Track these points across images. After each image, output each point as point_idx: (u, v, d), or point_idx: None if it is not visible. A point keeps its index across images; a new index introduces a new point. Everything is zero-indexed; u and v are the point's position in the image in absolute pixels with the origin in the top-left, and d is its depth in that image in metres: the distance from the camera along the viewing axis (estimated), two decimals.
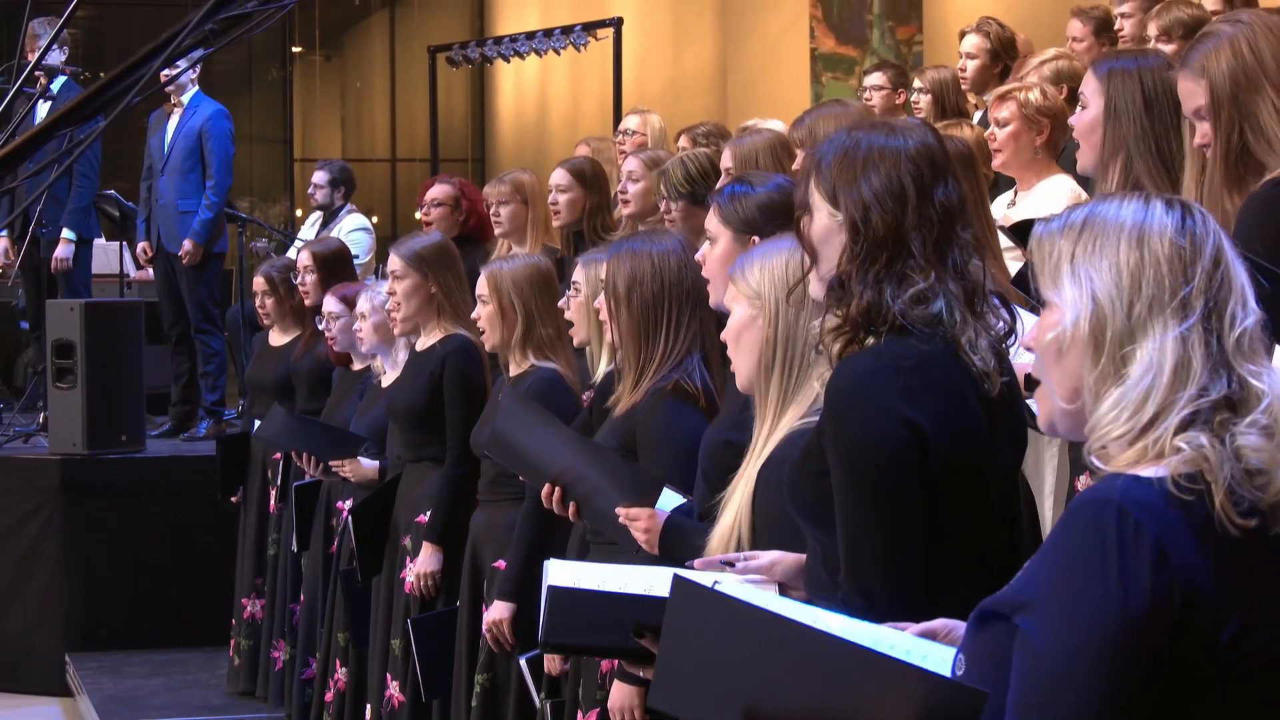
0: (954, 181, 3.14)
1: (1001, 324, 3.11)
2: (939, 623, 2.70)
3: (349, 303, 7.42)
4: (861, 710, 2.35)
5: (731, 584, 3.12)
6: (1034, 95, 5.69)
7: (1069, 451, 4.02)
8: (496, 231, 7.77)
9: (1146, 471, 2.28)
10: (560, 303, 5.52)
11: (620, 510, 4.23)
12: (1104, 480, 2.30)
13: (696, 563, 3.44)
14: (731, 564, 3.33)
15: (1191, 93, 3.95)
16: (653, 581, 3.35)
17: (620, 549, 4.32)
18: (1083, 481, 3.97)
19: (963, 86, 8.31)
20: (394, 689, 6.45)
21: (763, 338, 3.57)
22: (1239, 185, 3.86)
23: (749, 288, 3.62)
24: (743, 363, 3.66)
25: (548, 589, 3.47)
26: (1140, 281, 2.34)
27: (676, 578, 2.53)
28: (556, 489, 4.62)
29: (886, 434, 2.94)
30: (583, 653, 4.34)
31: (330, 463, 7.03)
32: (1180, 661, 2.23)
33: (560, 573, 3.60)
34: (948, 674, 2.41)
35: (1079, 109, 4.36)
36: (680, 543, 4.08)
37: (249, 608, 8.62)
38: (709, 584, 2.66)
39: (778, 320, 3.54)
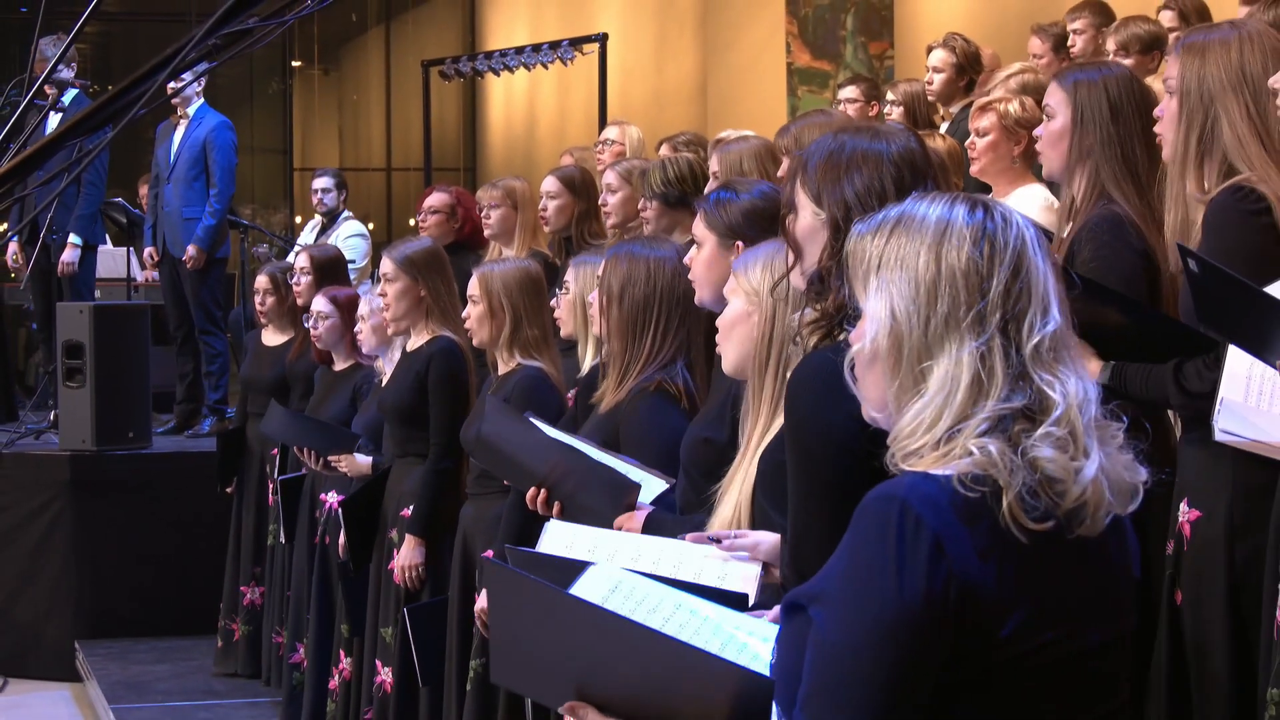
0: (934, 185, 3.14)
1: None
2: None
3: (337, 304, 7.50)
4: (674, 693, 2.37)
5: (600, 570, 3.13)
6: (1013, 107, 5.69)
7: None
8: (486, 233, 7.81)
9: (936, 470, 2.26)
10: (551, 301, 5.54)
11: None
12: (893, 479, 2.29)
13: (688, 536, 3.44)
14: (718, 540, 3.33)
15: (1171, 69, 3.98)
16: (632, 551, 3.35)
17: None
18: None
19: (929, 98, 8.32)
20: (385, 675, 6.46)
21: (757, 334, 3.58)
22: (1197, 170, 3.87)
23: (749, 284, 3.63)
24: (731, 352, 3.68)
25: (509, 552, 3.49)
26: (936, 296, 2.31)
27: (484, 561, 2.54)
28: (541, 491, 4.62)
29: (837, 426, 2.91)
30: None
31: (329, 457, 7.06)
32: (959, 653, 2.22)
33: (555, 534, 3.62)
34: (764, 670, 2.40)
35: (1045, 119, 4.37)
36: (663, 534, 4.08)
37: (249, 595, 8.65)
38: (522, 570, 2.65)
39: (774, 319, 3.55)
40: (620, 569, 3.05)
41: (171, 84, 2.47)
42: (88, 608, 9.66)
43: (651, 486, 4.26)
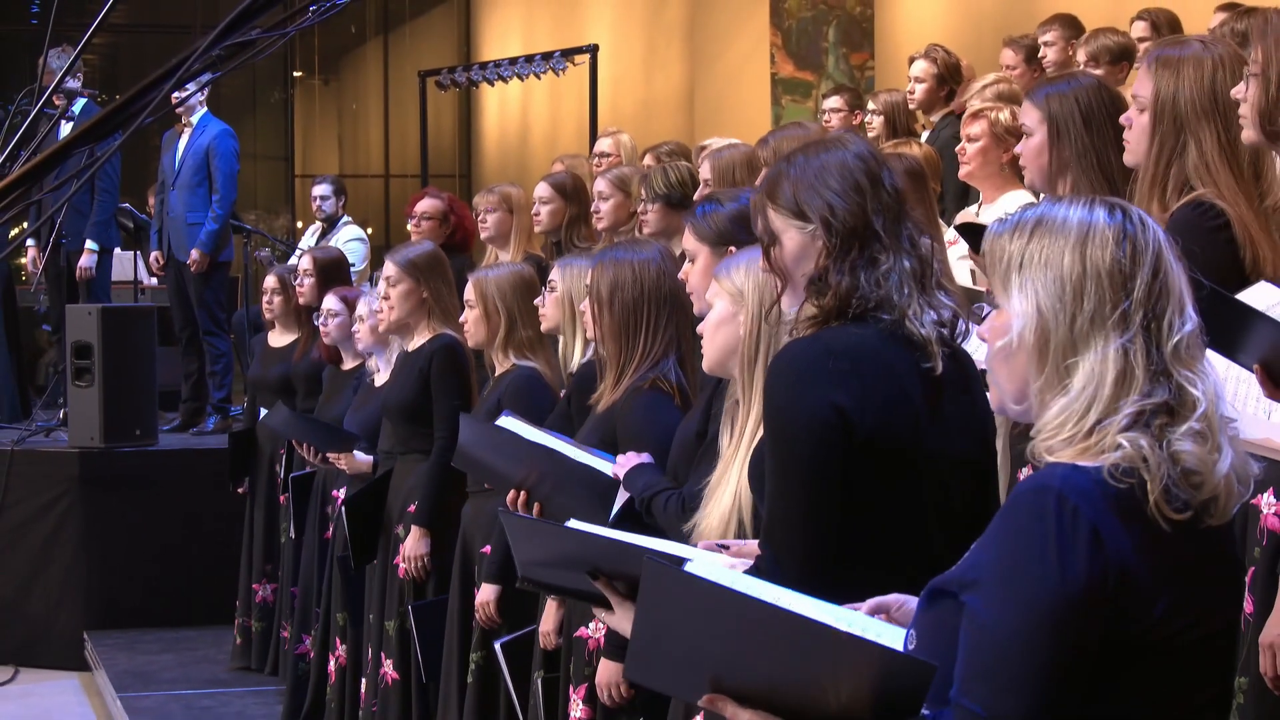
0: (890, 171, 3.20)
1: (947, 312, 3.11)
2: (892, 597, 2.69)
3: (348, 303, 7.48)
4: (819, 681, 2.34)
5: (702, 564, 3.12)
6: (1004, 116, 5.68)
7: (1011, 448, 4.02)
8: (483, 237, 7.81)
9: (1085, 462, 2.28)
10: (537, 300, 5.53)
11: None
12: (1045, 469, 2.30)
13: (700, 544, 3.43)
14: (726, 547, 3.33)
15: (1143, 81, 3.94)
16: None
17: None
18: (1024, 474, 3.97)
19: (911, 107, 8.32)
20: (388, 667, 6.45)
21: (744, 332, 3.58)
22: (1162, 191, 3.86)
23: (733, 286, 3.63)
24: (714, 351, 3.69)
25: (504, 516, 3.47)
26: (1082, 294, 2.32)
27: (647, 559, 2.51)
28: (521, 494, 4.62)
29: (811, 413, 2.95)
30: (555, 591, 4.23)
31: (328, 455, 7.05)
32: (1114, 635, 2.24)
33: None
34: (899, 648, 2.40)
35: (1024, 136, 4.35)
36: (641, 477, 4.13)
37: (260, 592, 8.63)
38: (678, 564, 2.64)
39: (759, 322, 3.54)
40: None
41: (176, 93, 2.46)
42: (96, 599, 9.66)
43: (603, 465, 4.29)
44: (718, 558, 3.27)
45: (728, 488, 3.61)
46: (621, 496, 4.28)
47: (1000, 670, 2.23)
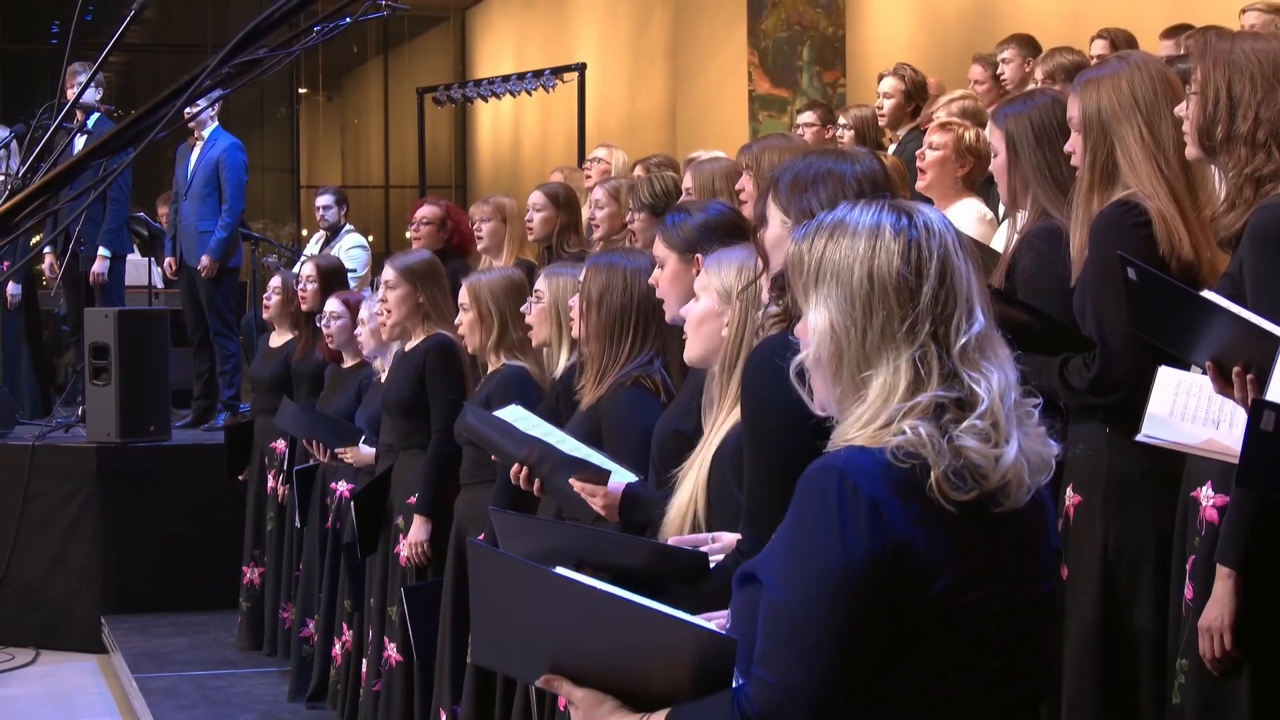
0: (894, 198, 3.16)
1: None
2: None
3: (349, 305, 7.51)
4: (643, 659, 2.36)
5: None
6: (969, 135, 5.68)
7: None
8: (479, 246, 7.81)
9: (870, 445, 2.28)
10: (522, 308, 5.52)
11: (573, 480, 4.22)
12: (830, 452, 2.31)
13: (672, 539, 3.43)
14: (701, 544, 3.33)
15: (1072, 106, 3.98)
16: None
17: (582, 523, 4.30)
18: None
19: (880, 122, 8.34)
20: (391, 650, 6.46)
21: (730, 332, 3.55)
22: (1102, 194, 3.89)
23: (721, 284, 3.60)
24: (698, 345, 3.66)
25: (492, 512, 3.47)
26: (871, 310, 2.31)
27: (470, 544, 2.51)
28: (524, 468, 4.62)
29: (785, 403, 2.91)
30: None
31: (335, 449, 7.09)
32: (900, 607, 2.24)
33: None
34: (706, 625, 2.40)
35: (992, 156, 4.37)
36: (639, 508, 4.07)
37: (248, 574, 8.69)
38: (501, 549, 2.63)
39: (745, 323, 3.52)
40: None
41: (188, 109, 2.47)
42: (113, 586, 9.65)
43: (620, 477, 4.26)
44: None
45: (689, 479, 3.60)
46: (615, 486, 4.24)
47: (791, 643, 2.23)
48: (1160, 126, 3.85)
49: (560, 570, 2.42)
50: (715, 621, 2.56)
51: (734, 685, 2.30)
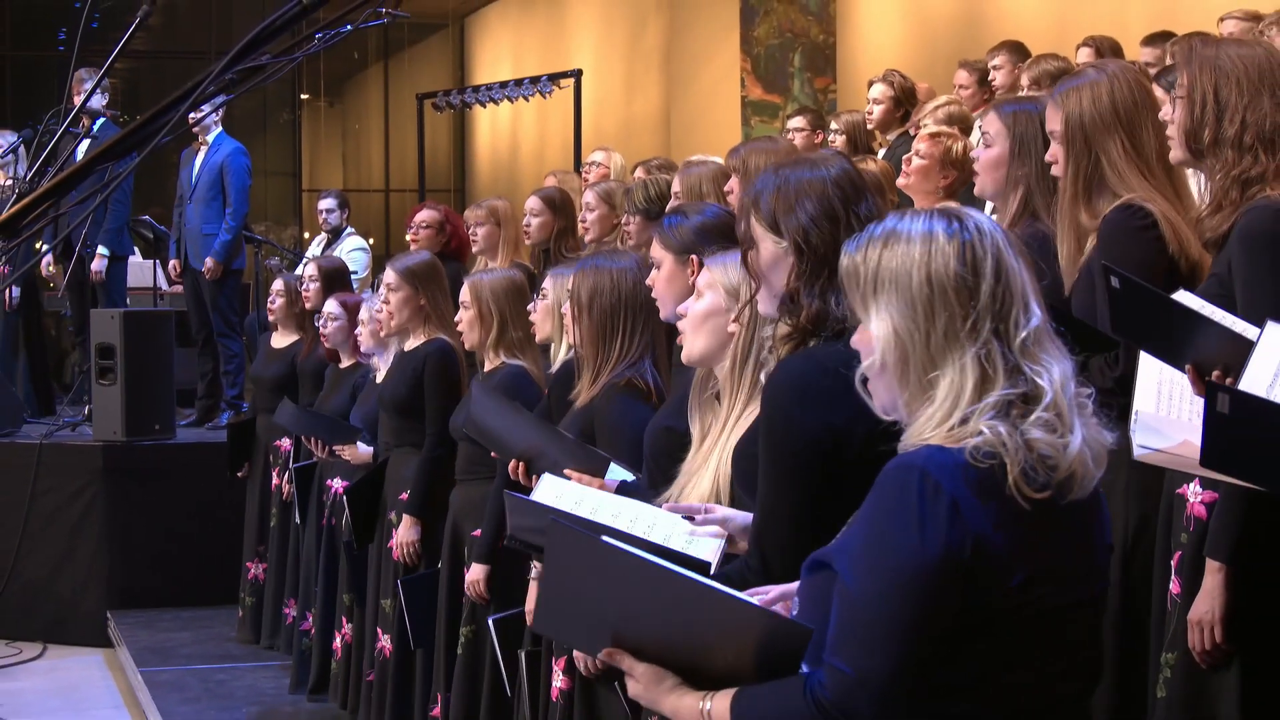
0: (872, 198, 3.14)
1: None
2: (792, 587, 2.66)
3: (346, 307, 7.53)
4: (708, 641, 2.36)
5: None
6: (957, 146, 5.67)
7: None
8: (474, 249, 7.80)
9: (949, 445, 2.30)
10: (528, 306, 5.53)
11: (569, 472, 4.20)
12: (911, 450, 2.32)
13: (665, 505, 3.41)
14: (691, 517, 3.31)
15: (1052, 117, 3.96)
16: (613, 509, 3.34)
17: None
18: None
19: (869, 127, 8.33)
20: (385, 641, 6.46)
21: (738, 332, 3.50)
22: (1088, 203, 3.87)
23: (729, 283, 3.56)
24: (699, 342, 3.60)
25: (506, 496, 3.48)
26: (933, 313, 2.33)
27: (552, 523, 2.51)
28: (521, 463, 4.61)
29: (805, 427, 2.91)
30: (539, 552, 4.15)
31: (334, 447, 7.09)
32: (971, 603, 2.25)
33: (546, 486, 3.60)
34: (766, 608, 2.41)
35: (982, 145, 4.34)
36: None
37: (253, 570, 8.68)
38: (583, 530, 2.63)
39: (755, 321, 3.49)
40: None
41: (192, 114, 2.46)
42: (119, 581, 9.64)
43: (617, 474, 4.25)
44: (674, 518, 3.27)
45: (705, 477, 3.57)
46: (610, 481, 4.24)
47: (866, 632, 2.24)
48: (1141, 135, 3.84)
49: (638, 551, 2.43)
50: (758, 598, 2.57)
51: (802, 671, 2.31)
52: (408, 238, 8.43)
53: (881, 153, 8.02)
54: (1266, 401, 2.93)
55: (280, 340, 8.59)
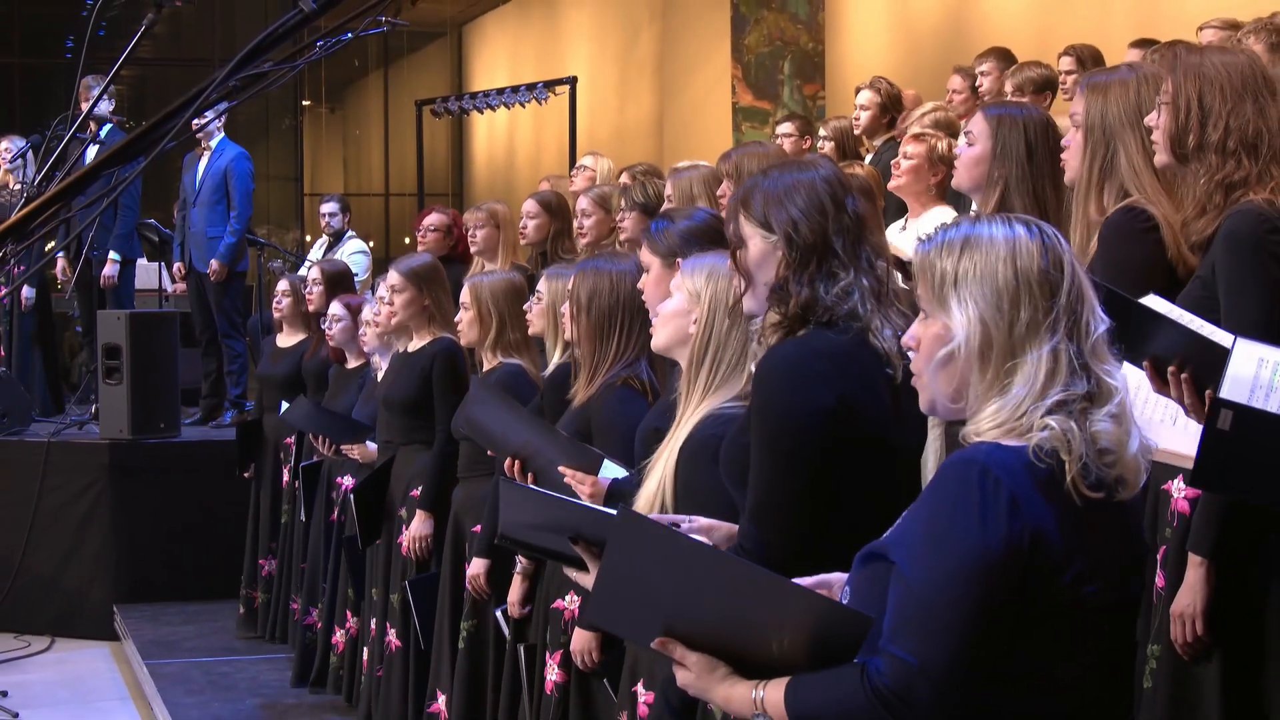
0: (858, 198, 3.18)
1: (903, 322, 3.11)
2: (832, 576, 2.68)
3: (350, 309, 7.53)
4: (764, 628, 2.35)
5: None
6: (942, 145, 5.68)
7: (947, 439, 4.01)
8: (472, 250, 7.79)
9: (1008, 441, 2.31)
10: (525, 305, 5.52)
11: (563, 469, 4.20)
12: (971, 446, 2.33)
13: (652, 518, 3.41)
14: (677, 525, 3.31)
15: (1077, 105, 3.95)
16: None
17: None
18: None
19: (856, 132, 8.32)
20: (391, 635, 6.45)
21: (695, 334, 3.55)
22: (1099, 197, 3.87)
23: (692, 286, 3.59)
24: (663, 335, 3.69)
25: (503, 485, 3.45)
26: (1019, 303, 2.34)
27: (620, 509, 2.49)
28: (516, 461, 4.60)
29: (800, 408, 2.95)
30: (531, 551, 4.08)
31: (342, 446, 7.08)
32: (1029, 596, 2.26)
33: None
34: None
35: (965, 144, 4.34)
36: (622, 499, 4.04)
37: (266, 567, 8.65)
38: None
39: (712, 325, 3.53)
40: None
41: (196, 120, 2.45)
42: (125, 576, 9.64)
43: (611, 472, 4.24)
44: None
45: (655, 472, 3.60)
46: (604, 479, 4.23)
47: (927, 622, 2.24)
48: None
49: (699, 539, 2.41)
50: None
51: (857, 660, 2.29)
52: (410, 239, 8.42)
53: (869, 158, 8.01)
54: (1275, 416, 2.85)
55: (286, 340, 8.58)
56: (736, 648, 2.38)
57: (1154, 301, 3.21)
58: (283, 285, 8.64)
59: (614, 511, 3.14)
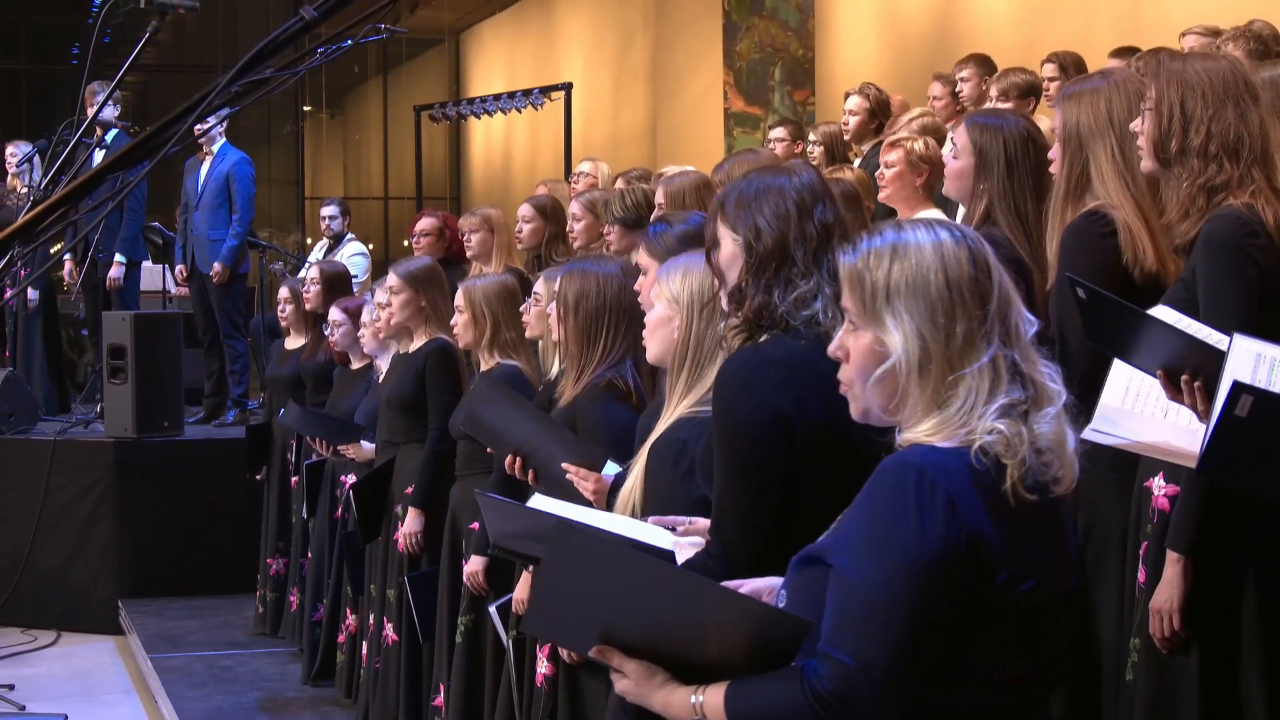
0: (831, 205, 3.13)
1: None
2: (763, 582, 2.65)
3: (349, 313, 7.52)
4: (702, 633, 2.32)
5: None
6: (918, 146, 5.68)
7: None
8: (468, 254, 7.79)
9: (940, 444, 2.28)
10: (521, 308, 5.52)
11: (567, 466, 4.20)
12: (906, 449, 2.30)
13: (650, 519, 3.41)
14: (674, 528, 3.31)
15: (1055, 117, 3.98)
16: (599, 523, 3.33)
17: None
18: None
19: (845, 137, 8.33)
20: (389, 630, 6.45)
21: (678, 337, 3.54)
22: (1074, 204, 3.88)
23: (670, 292, 3.58)
24: (655, 347, 3.65)
25: (480, 497, 3.45)
26: (955, 315, 2.30)
27: (559, 520, 2.47)
28: (518, 459, 4.59)
29: (756, 416, 2.91)
30: (523, 558, 4.04)
31: (337, 446, 7.08)
32: (967, 597, 2.23)
33: (536, 503, 3.59)
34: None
35: (950, 156, 4.35)
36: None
37: (274, 566, 8.65)
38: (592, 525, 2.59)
39: (691, 326, 3.51)
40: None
41: (199, 125, 2.44)
42: (129, 571, 9.64)
43: (611, 469, 4.25)
44: (660, 531, 3.26)
45: (633, 473, 3.60)
46: (608, 476, 4.23)
47: (866, 623, 2.21)
48: (1131, 145, 3.84)
49: (637, 549, 2.39)
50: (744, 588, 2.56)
51: (796, 663, 2.27)
52: (408, 242, 8.41)
53: (857, 162, 8.01)
54: None
55: (292, 343, 8.58)
56: (674, 654, 2.35)
57: (1162, 312, 3.22)
58: (284, 292, 8.62)
59: (586, 522, 3.14)
